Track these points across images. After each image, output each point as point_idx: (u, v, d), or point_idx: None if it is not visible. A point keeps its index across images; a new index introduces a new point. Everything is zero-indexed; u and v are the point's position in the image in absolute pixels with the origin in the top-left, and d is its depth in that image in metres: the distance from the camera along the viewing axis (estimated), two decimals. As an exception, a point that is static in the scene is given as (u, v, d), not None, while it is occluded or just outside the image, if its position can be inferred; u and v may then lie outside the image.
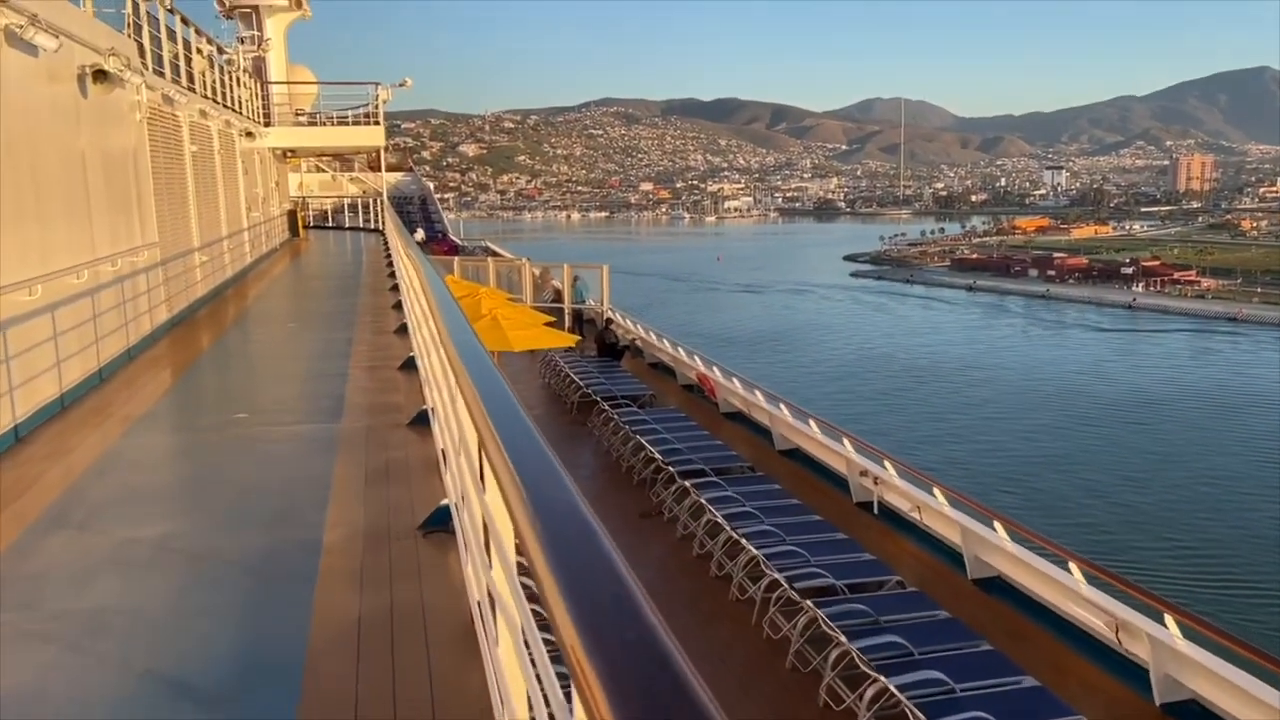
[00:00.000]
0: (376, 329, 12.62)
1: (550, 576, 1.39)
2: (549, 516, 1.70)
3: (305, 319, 14.50)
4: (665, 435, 17.20)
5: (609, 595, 1.28)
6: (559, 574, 1.40)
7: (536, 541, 1.57)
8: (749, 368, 63.89)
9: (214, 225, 16.83)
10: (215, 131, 17.42)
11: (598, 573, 1.37)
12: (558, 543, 1.56)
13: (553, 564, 1.45)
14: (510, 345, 14.88)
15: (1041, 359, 75.68)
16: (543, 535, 1.60)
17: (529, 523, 1.68)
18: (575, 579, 1.38)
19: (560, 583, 1.36)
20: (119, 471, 6.40)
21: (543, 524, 1.66)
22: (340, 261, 27.20)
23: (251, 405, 8.53)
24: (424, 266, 6.94)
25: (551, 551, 1.52)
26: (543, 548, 1.54)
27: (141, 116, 11.59)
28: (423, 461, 6.55)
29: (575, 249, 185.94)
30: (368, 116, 30.34)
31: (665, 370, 24.82)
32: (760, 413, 18.31)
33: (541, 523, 1.66)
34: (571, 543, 1.55)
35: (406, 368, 9.74)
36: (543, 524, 1.66)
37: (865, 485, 14.34)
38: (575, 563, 1.45)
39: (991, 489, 36.08)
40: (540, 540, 1.57)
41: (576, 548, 1.52)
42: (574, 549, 1.52)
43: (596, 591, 1.31)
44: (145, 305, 11.33)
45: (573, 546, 1.53)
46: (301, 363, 10.64)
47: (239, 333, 13.16)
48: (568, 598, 1.30)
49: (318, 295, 18.46)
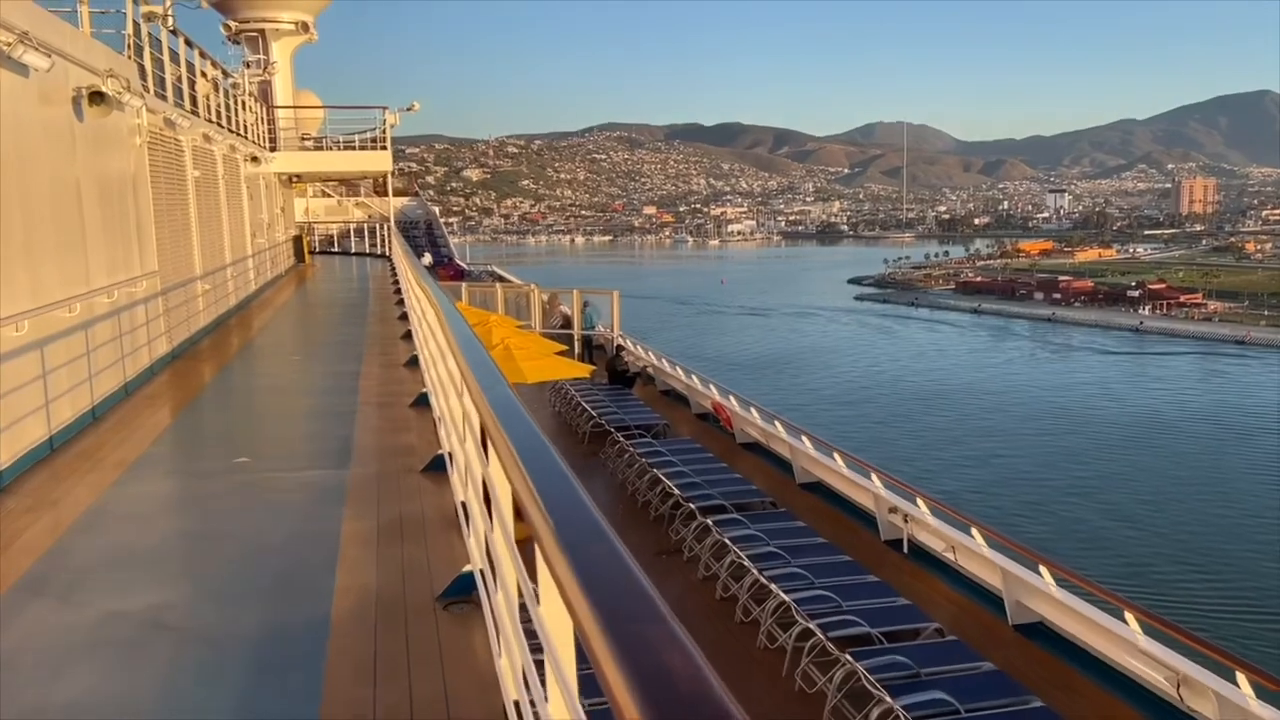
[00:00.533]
0: (385, 361, 12.08)
1: (625, 691, 1.08)
2: (611, 612, 1.34)
3: (311, 350, 13.96)
4: (682, 468, 16.63)
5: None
6: (640, 692, 1.08)
7: (603, 640, 1.25)
8: (756, 391, 63.35)
9: (217, 252, 16.35)
10: (219, 156, 16.98)
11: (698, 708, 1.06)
12: (630, 646, 1.22)
13: (629, 677, 1.12)
14: (524, 377, 14.34)
15: (1052, 383, 75.00)
16: (608, 632, 1.27)
17: (590, 615, 1.35)
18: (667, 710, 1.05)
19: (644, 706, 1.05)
20: (108, 527, 5.83)
21: (605, 620, 1.31)
22: (346, 288, 26.72)
23: (254, 448, 7.97)
24: (441, 301, 6.41)
25: (624, 660, 1.18)
26: (612, 651, 1.20)
27: (142, 141, 11.12)
28: (439, 515, 5.99)
29: (580, 272, 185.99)
30: (374, 141, 29.99)
31: (678, 398, 24.25)
32: (780, 444, 17.72)
33: (604, 620, 1.31)
34: (650, 646, 1.22)
35: (419, 404, 9.18)
36: (605, 620, 1.31)
37: (894, 522, 13.74)
38: (667, 693, 1.10)
39: (1010, 515, 35.40)
40: (607, 640, 1.24)
41: (657, 658, 1.18)
42: (654, 658, 1.18)
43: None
44: (144, 338, 10.81)
45: (651, 652, 1.20)
46: (307, 399, 10.08)
47: (242, 366, 12.61)
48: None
49: (324, 324, 17.93)
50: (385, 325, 15.81)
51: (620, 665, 1.17)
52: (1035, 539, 31.26)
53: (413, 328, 11.47)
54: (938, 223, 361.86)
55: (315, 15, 31.44)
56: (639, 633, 1.27)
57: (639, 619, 1.32)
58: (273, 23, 30.52)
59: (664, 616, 1.31)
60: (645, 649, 1.20)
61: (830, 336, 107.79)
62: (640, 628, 1.28)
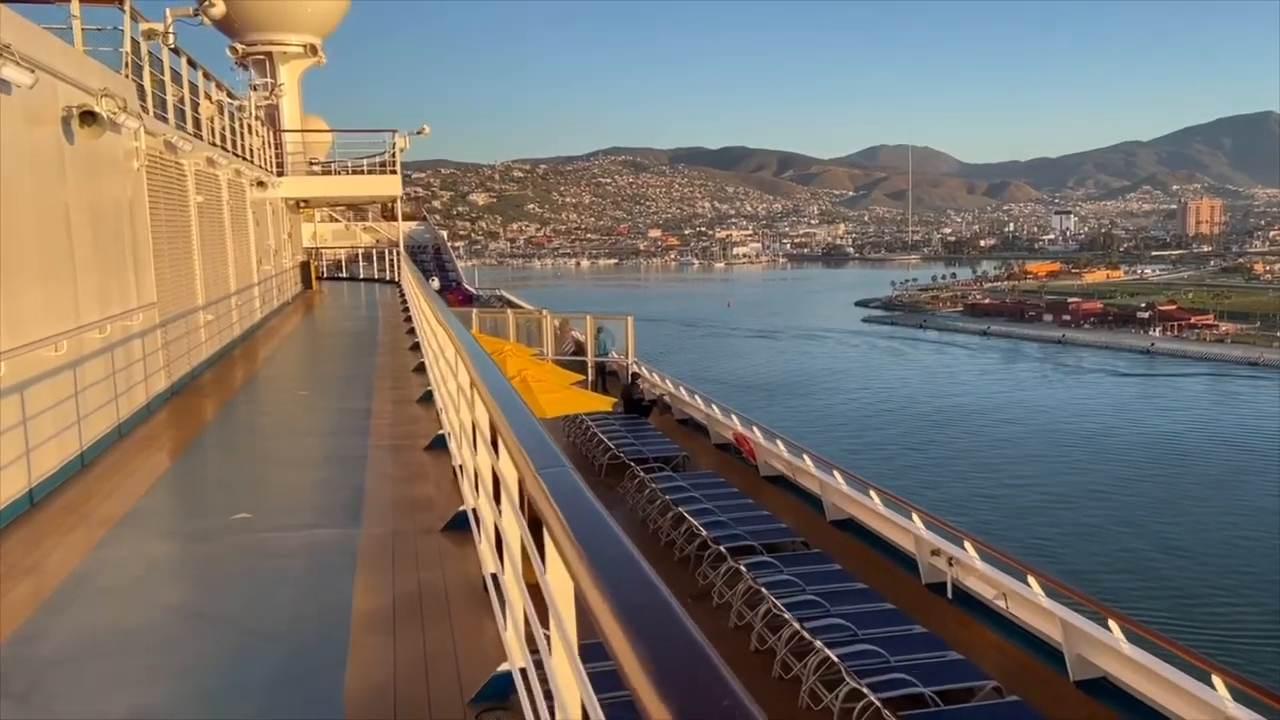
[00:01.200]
0: (398, 397, 11.35)
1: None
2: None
3: (318, 385, 13.22)
4: (705, 504, 15.84)
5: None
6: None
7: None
8: (768, 415, 62.45)
9: (221, 281, 15.68)
10: (224, 181, 16.35)
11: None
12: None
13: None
14: (543, 411, 13.59)
15: (1068, 406, 74.00)
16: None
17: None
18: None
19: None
20: (86, 603, 5.07)
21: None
22: (355, 316, 26.04)
23: (256, 499, 7.23)
24: (463, 340, 5.67)
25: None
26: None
27: (140, 164, 10.47)
28: (465, 587, 5.22)
29: (586, 296, 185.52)
30: (383, 165, 29.45)
31: (696, 427, 23.47)
32: (808, 479, 16.92)
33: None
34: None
35: (435, 447, 8.44)
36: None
37: (937, 565, 12.93)
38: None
39: (1037, 545, 34.46)
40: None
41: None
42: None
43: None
44: (140, 374, 10.11)
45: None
46: (314, 441, 9.33)
47: (245, 402, 11.88)
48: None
49: (332, 356, 17.20)
50: (396, 356, 15.09)
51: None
52: (1066, 568, 30.30)
53: (427, 363, 10.75)
54: (943, 245, 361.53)
55: (323, 38, 30.97)
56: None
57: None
58: (280, 45, 30.04)
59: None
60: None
61: (840, 359, 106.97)
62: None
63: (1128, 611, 10.73)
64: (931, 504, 37.29)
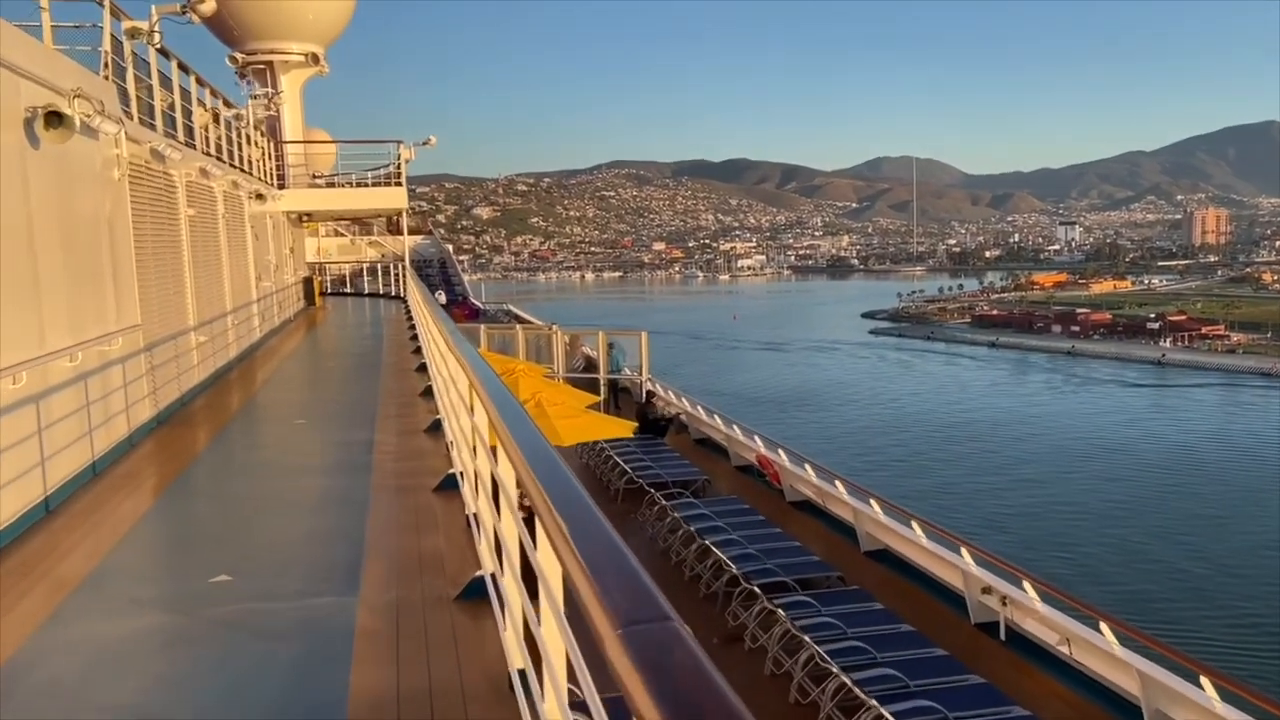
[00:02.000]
0: (403, 426, 10.39)
1: None
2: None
3: (317, 413, 12.23)
4: (731, 534, 14.85)
5: None
6: None
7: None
8: (779, 428, 61.37)
9: (216, 300, 14.76)
10: (219, 193, 15.45)
11: None
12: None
13: None
14: (560, 439, 12.61)
15: (1082, 419, 72.81)
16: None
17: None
18: None
19: None
20: (19, 705, 4.11)
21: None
22: (359, 334, 25.06)
23: (241, 556, 6.27)
24: (481, 376, 4.74)
25: None
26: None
27: (121, 174, 9.56)
28: (486, 683, 4.24)
29: (591, 309, 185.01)
30: (388, 178, 28.54)
31: (713, 447, 22.49)
32: (839, 506, 15.92)
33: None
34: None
35: (446, 488, 7.49)
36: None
37: (988, 604, 11.93)
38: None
39: (1064, 566, 33.29)
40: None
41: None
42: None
43: None
44: (120, 404, 9.17)
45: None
46: (310, 482, 8.36)
47: (237, 434, 10.89)
48: None
49: (333, 379, 16.20)
50: (401, 379, 14.14)
51: None
52: (1095, 593, 29.17)
53: (435, 390, 9.81)
54: (948, 256, 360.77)
55: (326, 46, 30.06)
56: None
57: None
58: (282, 54, 29.14)
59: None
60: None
61: (850, 371, 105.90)
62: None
63: (1175, 636, 9.80)
64: (954, 522, 36.11)
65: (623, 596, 1.65)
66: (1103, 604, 12.49)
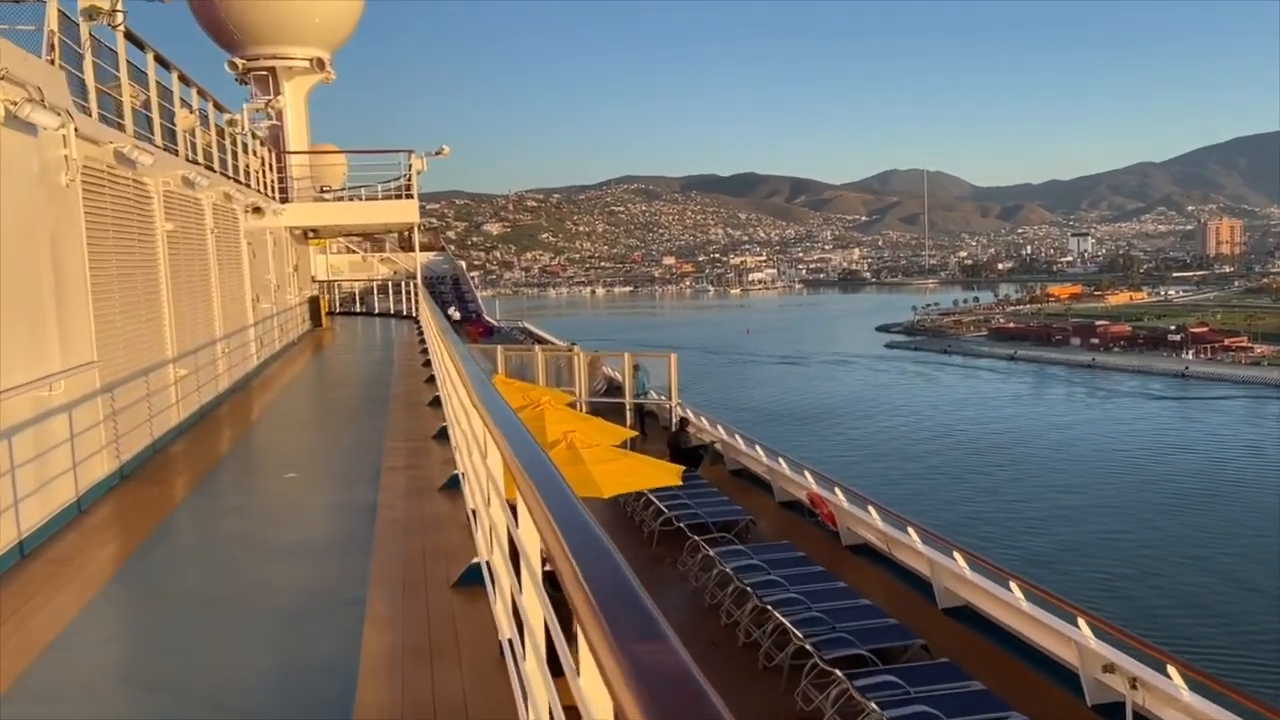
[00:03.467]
0: (414, 482, 8.57)
1: None
2: None
3: (313, 463, 10.37)
4: (790, 591, 12.91)
5: None
6: None
7: None
8: (800, 445, 59.33)
9: (203, 326, 12.99)
10: (208, 205, 13.70)
11: None
12: None
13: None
14: (600, 489, 10.73)
15: (1112, 433, 70.57)
16: None
17: None
18: None
19: None
20: None
21: None
22: (368, 358, 23.17)
23: (191, 684, 4.44)
24: (511, 440, 3.03)
25: None
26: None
27: (71, 178, 7.81)
28: None
29: (603, 324, 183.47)
30: (399, 191, 26.73)
31: (749, 478, 20.62)
32: (911, 556, 14.01)
33: None
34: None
35: (469, 582, 5.66)
36: None
37: (1110, 685, 10.04)
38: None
39: (1109, 589, 31.24)
40: None
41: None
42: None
43: None
44: (62, 463, 7.38)
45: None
46: (290, 574, 6.45)
47: (211, 496, 9.00)
48: None
49: (335, 416, 14.27)
50: (412, 417, 12.32)
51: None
52: (1151, 620, 27.14)
53: (452, 436, 7.99)
54: (960, 268, 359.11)
55: (332, 51, 28.23)
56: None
57: None
58: (285, 60, 27.33)
59: None
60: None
61: (870, 385, 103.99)
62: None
63: None
64: (995, 541, 33.87)
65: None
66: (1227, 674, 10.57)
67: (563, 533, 2.19)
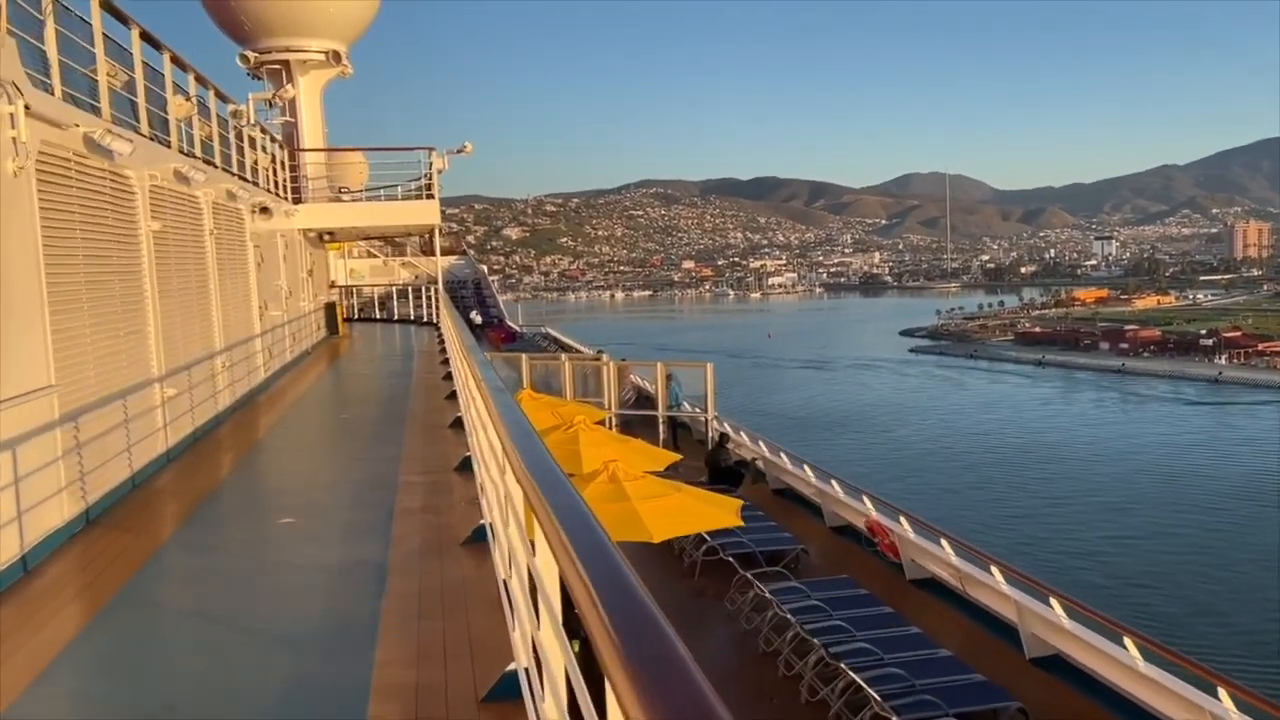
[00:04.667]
0: (430, 535, 7.10)
1: None
2: None
3: (315, 504, 8.84)
4: (859, 639, 11.40)
5: None
6: None
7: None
8: (831, 452, 57.47)
9: (200, 338, 11.62)
10: (207, 204, 12.34)
11: None
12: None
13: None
14: (649, 532, 9.21)
15: (1156, 442, 68.22)
16: None
17: None
18: None
19: None
20: None
21: None
22: (385, 370, 21.70)
23: None
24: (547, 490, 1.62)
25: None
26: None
27: (21, 165, 6.44)
28: None
29: (622, 328, 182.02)
30: (419, 192, 25.29)
31: (794, 497, 19.12)
32: (994, 598, 12.46)
33: None
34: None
35: (502, 695, 4.18)
36: None
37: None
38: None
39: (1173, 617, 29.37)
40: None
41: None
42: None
43: None
44: (5, 512, 5.98)
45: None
46: (274, 669, 5.00)
47: (187, 550, 7.47)
48: None
49: (345, 441, 12.59)
50: (432, 441, 10.88)
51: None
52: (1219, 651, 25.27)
53: (477, 475, 6.54)
54: (983, 272, 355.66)
55: (349, 44, 26.84)
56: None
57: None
58: (299, 52, 25.98)
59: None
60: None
61: (898, 390, 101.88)
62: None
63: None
64: (1052, 564, 31.79)
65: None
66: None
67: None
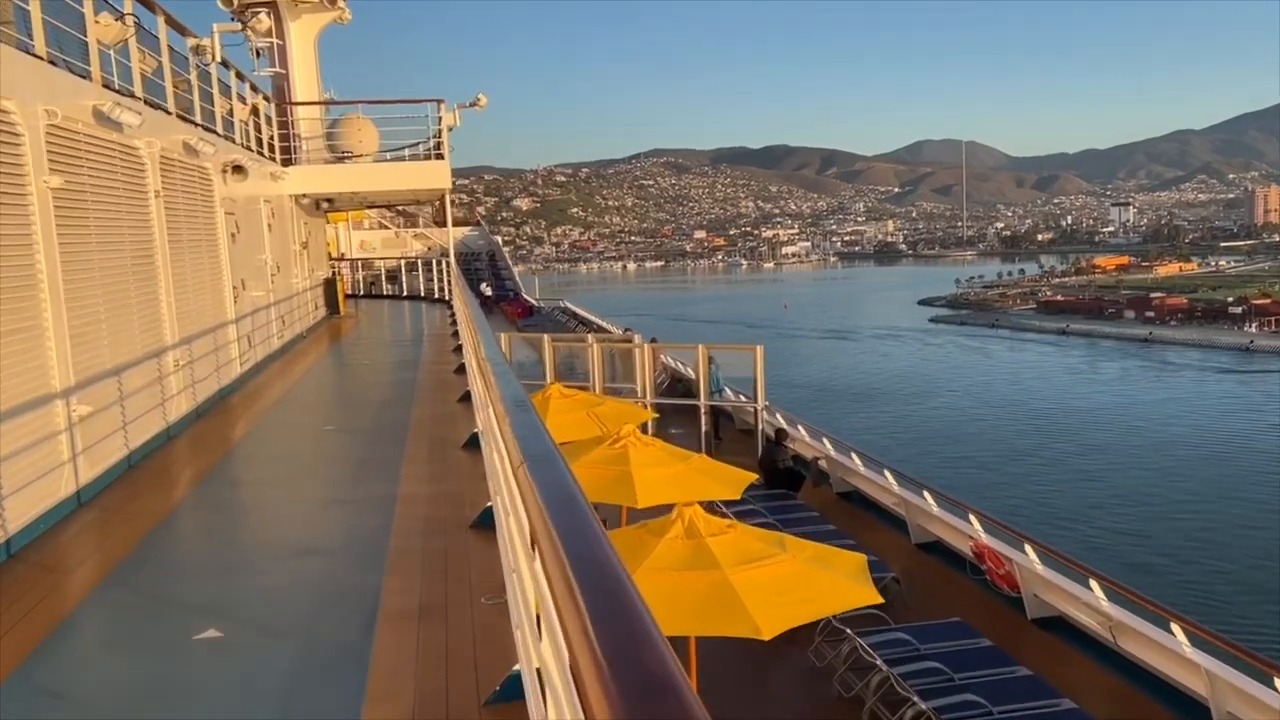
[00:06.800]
0: (442, 610, 4.45)
1: None
2: None
3: (259, 604, 5.67)
4: (971, 692, 8.80)
5: None
6: None
7: None
8: (866, 426, 54.60)
9: (135, 334, 8.93)
10: (151, 158, 9.60)
11: None
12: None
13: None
14: (757, 627, 6.10)
15: (1197, 413, 65.26)
16: None
17: None
18: None
19: None
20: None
21: None
22: (388, 360, 18.74)
23: None
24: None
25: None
26: None
27: None
28: None
29: (635, 299, 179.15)
30: (427, 153, 22.34)
31: (861, 501, 16.48)
32: (1149, 651, 9.79)
33: None
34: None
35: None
36: None
37: None
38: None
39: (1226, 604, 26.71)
40: None
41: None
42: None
43: None
44: None
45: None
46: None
47: (113, 604, 4.77)
48: None
49: (324, 472, 9.06)
50: (440, 475, 8.11)
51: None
52: None
53: (496, 515, 3.82)
54: (999, 239, 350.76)
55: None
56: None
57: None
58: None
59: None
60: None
61: (923, 360, 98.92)
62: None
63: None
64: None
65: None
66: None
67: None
